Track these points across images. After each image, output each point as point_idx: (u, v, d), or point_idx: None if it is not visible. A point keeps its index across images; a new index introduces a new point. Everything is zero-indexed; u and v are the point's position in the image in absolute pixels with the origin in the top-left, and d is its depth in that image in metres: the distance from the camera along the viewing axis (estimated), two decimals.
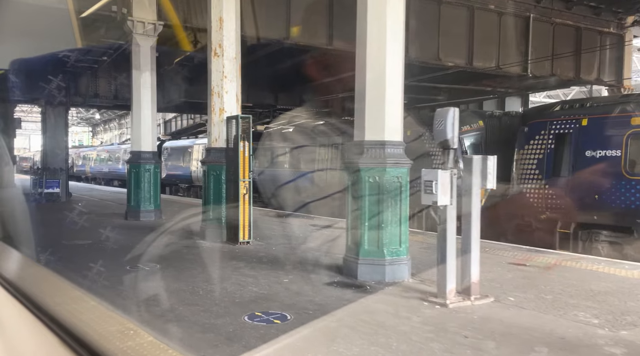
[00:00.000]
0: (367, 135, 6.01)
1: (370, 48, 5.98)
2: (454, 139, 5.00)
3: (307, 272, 6.55)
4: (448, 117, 4.97)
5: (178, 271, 6.66)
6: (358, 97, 6.20)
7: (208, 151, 9.52)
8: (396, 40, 6.08)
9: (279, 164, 19.65)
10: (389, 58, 5.96)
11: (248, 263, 7.15)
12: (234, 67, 9.38)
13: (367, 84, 6.00)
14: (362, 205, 5.97)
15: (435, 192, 4.86)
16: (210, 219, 9.33)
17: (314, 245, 8.78)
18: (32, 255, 7.26)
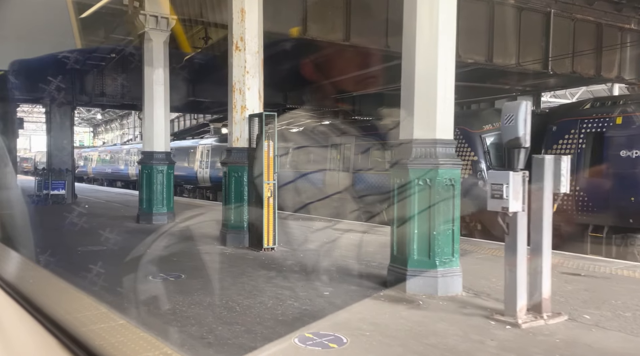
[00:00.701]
0: (415, 133, 5.46)
1: (421, 38, 5.43)
2: (526, 137, 4.44)
3: (346, 283, 5.99)
4: (520, 112, 4.41)
5: (206, 281, 6.11)
6: (405, 91, 5.65)
7: (229, 151, 8.97)
8: (448, 30, 5.54)
9: (290, 164, 19.12)
10: (441, 49, 5.41)
11: (279, 272, 6.60)
12: (256, 62, 8.84)
13: (416, 77, 5.45)
14: (411, 210, 5.42)
15: (505, 197, 4.31)
16: (232, 223, 8.78)
17: (343, 252, 8.22)
18: (47, 264, 6.73)
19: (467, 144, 13.14)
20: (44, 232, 10.40)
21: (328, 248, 8.64)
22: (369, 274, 6.43)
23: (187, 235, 9.94)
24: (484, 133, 13.29)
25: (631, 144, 10.15)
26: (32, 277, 2.40)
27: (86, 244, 8.71)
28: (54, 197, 16.98)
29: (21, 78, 17.63)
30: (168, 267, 6.95)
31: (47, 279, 2.46)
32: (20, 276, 2.39)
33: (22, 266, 2.68)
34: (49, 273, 2.62)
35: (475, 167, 12.95)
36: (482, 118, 13.70)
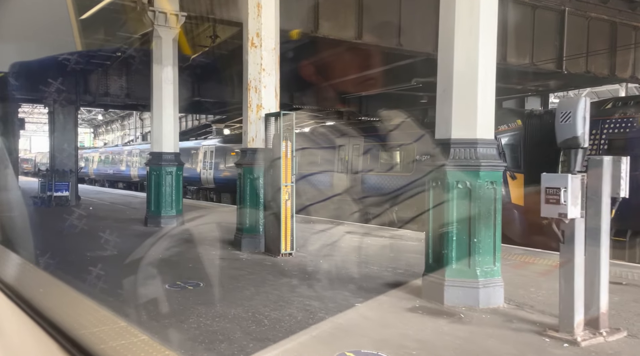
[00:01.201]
0: (454, 132, 5.09)
1: (460, 28, 5.05)
2: (585, 136, 4.07)
3: (376, 293, 5.62)
4: (578, 110, 4.04)
5: (226, 290, 5.74)
6: (442, 89, 5.27)
7: (244, 152, 8.59)
8: (489, 28, 5.16)
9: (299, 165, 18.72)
10: (482, 40, 5.04)
11: (302, 280, 6.22)
12: (273, 59, 8.47)
13: (454, 71, 5.07)
14: (449, 216, 5.05)
15: (564, 202, 3.94)
16: (247, 227, 8.41)
17: (364, 257, 7.85)
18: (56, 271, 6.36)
19: None
20: (50, 236, 10.03)
21: (347, 253, 8.27)
22: (398, 283, 6.06)
23: (199, 239, 9.57)
24: (499, 134, 12.92)
25: None
26: (32, 280, 2.37)
27: (95, 248, 8.34)
28: (57, 199, 16.60)
29: (24, 78, 17.28)
30: (184, 274, 6.59)
31: (47, 281, 2.36)
32: (20, 278, 2.34)
33: (22, 269, 2.61)
34: (49, 276, 2.46)
35: None
36: (496, 118, 13.31)
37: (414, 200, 13.98)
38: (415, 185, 14.12)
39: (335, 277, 6.43)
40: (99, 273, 6.43)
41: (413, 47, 14.65)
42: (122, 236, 9.87)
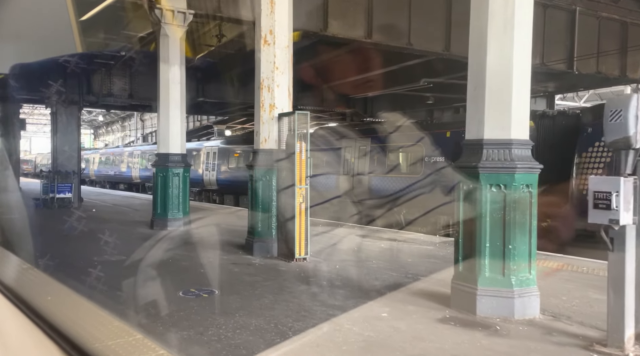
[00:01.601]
0: (487, 132, 4.81)
1: (493, 23, 4.77)
2: (637, 136, 3.79)
3: (401, 302, 5.34)
4: (630, 108, 3.76)
5: (244, 298, 5.45)
6: (473, 88, 4.99)
7: (255, 153, 8.31)
8: (526, 15, 4.88)
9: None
10: (517, 35, 4.76)
11: (321, 288, 5.94)
12: (286, 57, 8.20)
13: (487, 69, 4.79)
14: (482, 221, 4.77)
15: (615, 207, 3.66)
16: (259, 231, 8.13)
17: (381, 263, 7.56)
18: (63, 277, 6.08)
19: None
20: (54, 239, 9.76)
21: (362, 258, 7.99)
22: (423, 291, 5.78)
23: (209, 243, 9.29)
24: None
25: None
26: (31, 281, 2.37)
27: (101, 253, 8.05)
28: (59, 200, 16.30)
29: (26, 79, 17.01)
30: (197, 280, 6.31)
31: (46, 283, 2.41)
32: (19, 280, 2.35)
33: (21, 270, 2.64)
34: (48, 277, 2.56)
35: None
36: None
37: (423, 202, 13.74)
38: (425, 187, 13.86)
39: (355, 284, 6.15)
40: (108, 280, 6.16)
41: (423, 47, 14.39)
42: (129, 239, 9.60)
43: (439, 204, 13.48)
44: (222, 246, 8.96)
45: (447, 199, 13.37)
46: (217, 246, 8.92)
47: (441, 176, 13.52)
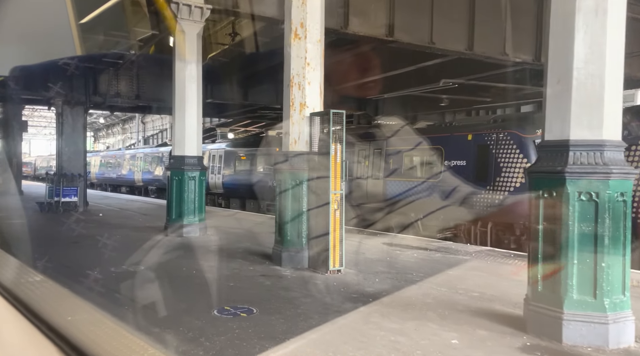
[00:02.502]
0: (573, 132, 4.20)
1: (584, 5, 4.16)
2: None
3: (469, 325, 4.72)
4: None
5: (288, 319, 4.83)
6: (554, 78, 4.38)
7: (284, 155, 7.68)
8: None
9: None
10: (610, 18, 4.16)
11: (370, 307, 5.32)
12: (318, 52, 7.61)
13: (575, 58, 4.18)
14: (568, 234, 4.15)
15: None
16: (288, 240, 7.50)
17: (425, 276, 6.95)
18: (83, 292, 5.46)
19: (518, 150, 11.96)
20: (64, 247, 9.14)
21: (399, 270, 7.37)
22: (486, 312, 5.16)
23: (230, 251, 8.66)
24: (538, 138, 12.10)
25: None
26: (29, 282, 2.37)
27: (118, 262, 7.43)
28: (65, 205, 15.67)
29: (30, 79, 16.45)
30: (229, 296, 5.69)
31: (45, 284, 2.41)
32: (18, 281, 2.34)
33: (20, 272, 2.65)
34: (46, 279, 2.51)
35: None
36: (535, 122, 12.53)
37: (443, 208, 13.14)
38: (443, 191, 13.25)
39: (405, 301, 5.53)
40: (132, 295, 5.55)
41: (445, 46, 13.82)
42: (145, 247, 8.98)
43: (458, 210, 12.92)
44: (246, 255, 8.36)
45: (466, 204, 12.82)
46: (241, 255, 8.31)
47: (461, 180, 12.97)
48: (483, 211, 12.40)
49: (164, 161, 28.66)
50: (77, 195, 15.98)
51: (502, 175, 12.17)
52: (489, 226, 12.32)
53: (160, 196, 28.38)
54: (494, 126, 12.96)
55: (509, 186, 12.01)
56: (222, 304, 5.27)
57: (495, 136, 12.55)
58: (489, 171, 12.50)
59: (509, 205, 11.91)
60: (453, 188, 13.12)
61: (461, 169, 13.22)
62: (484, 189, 12.39)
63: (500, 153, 12.30)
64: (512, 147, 12.10)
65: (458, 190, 12.98)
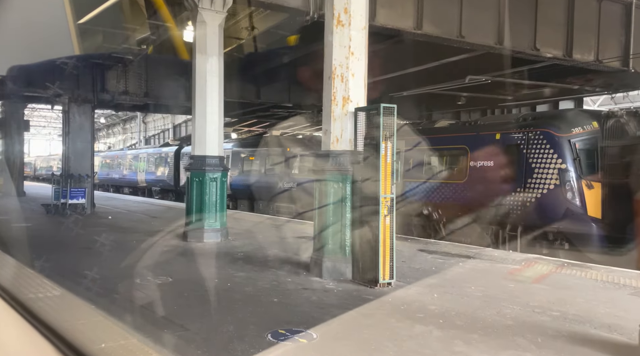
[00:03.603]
0: None
1: None
2: None
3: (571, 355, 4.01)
4: None
5: (356, 347, 4.10)
6: None
7: (324, 155, 6.96)
8: None
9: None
10: None
11: (446, 332, 4.58)
12: (363, 41, 6.90)
13: None
14: None
15: None
16: (329, 248, 6.79)
17: (482, 288, 6.24)
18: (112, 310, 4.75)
19: (552, 150, 11.27)
20: (77, 254, 8.42)
21: (455, 283, 6.64)
22: (586, 338, 4.45)
23: (260, 260, 7.95)
24: (573, 137, 11.42)
25: None
26: (27, 283, 2.40)
27: (141, 272, 6.71)
28: (72, 207, 14.95)
29: (35, 76, 15.75)
30: (278, 316, 4.98)
31: (43, 285, 2.38)
32: (15, 281, 2.37)
33: (17, 271, 2.69)
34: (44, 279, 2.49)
35: (563, 177, 11.05)
36: (570, 120, 11.85)
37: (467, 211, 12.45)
38: (467, 194, 12.58)
39: (484, 325, 4.81)
40: (166, 313, 4.82)
41: (475, 40, 13.10)
42: (166, 255, 8.27)
43: (485, 213, 12.25)
44: (278, 264, 7.65)
45: (494, 207, 12.13)
46: (273, 264, 7.60)
47: (488, 182, 12.30)
48: (512, 215, 11.73)
49: (168, 161, 27.96)
50: (85, 197, 15.26)
51: (534, 176, 11.49)
52: (519, 230, 11.65)
53: (164, 197, 27.72)
54: (525, 124, 12.27)
55: (542, 187, 11.33)
56: (274, 326, 4.55)
57: (526, 135, 11.87)
58: (520, 172, 11.81)
59: (541, 208, 11.25)
60: (479, 190, 12.46)
61: (488, 171, 12.55)
62: (514, 192, 11.72)
63: (532, 153, 11.62)
64: (546, 147, 11.42)
65: (484, 192, 12.32)
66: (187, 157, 26.63)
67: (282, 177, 18.98)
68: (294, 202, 17.78)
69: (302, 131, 29.34)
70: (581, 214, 10.84)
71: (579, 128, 11.52)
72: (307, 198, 17.15)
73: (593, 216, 10.90)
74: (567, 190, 11.03)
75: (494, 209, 12.06)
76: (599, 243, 10.65)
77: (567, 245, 11.01)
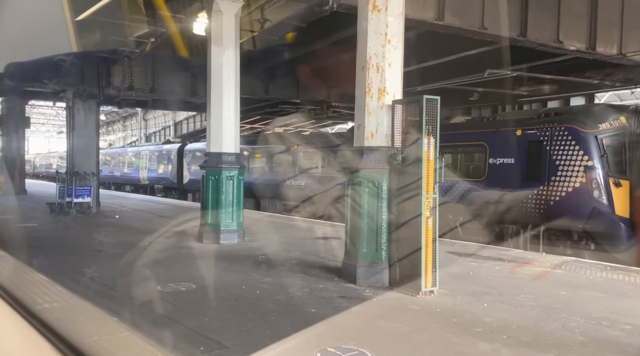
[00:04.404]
0: None
1: None
2: None
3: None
4: None
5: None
6: None
7: (359, 152, 6.44)
8: None
9: None
10: None
11: (515, 351, 4.08)
12: (400, 28, 6.39)
13: None
14: None
15: None
16: (363, 252, 6.28)
17: (534, 296, 5.75)
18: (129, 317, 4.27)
19: (577, 147, 10.78)
20: (89, 257, 7.90)
21: (502, 290, 6.14)
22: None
23: (283, 264, 7.45)
24: (600, 133, 10.93)
25: None
26: (24, 280, 2.59)
27: (162, 278, 6.21)
28: (77, 206, 14.43)
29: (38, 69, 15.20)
30: (321, 330, 4.49)
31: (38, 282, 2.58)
32: (12, 278, 2.50)
33: (14, 269, 2.92)
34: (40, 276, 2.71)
35: (589, 175, 10.57)
36: (597, 115, 11.36)
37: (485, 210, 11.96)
38: (486, 192, 12.09)
39: (554, 342, 4.30)
40: (197, 325, 4.33)
41: (497, 31, 12.56)
42: (183, 258, 7.77)
43: (504, 212, 11.77)
44: (304, 268, 7.15)
45: (514, 206, 11.64)
46: (299, 269, 7.10)
47: (508, 180, 11.82)
48: (534, 214, 11.25)
49: (171, 159, 27.48)
50: (91, 195, 14.74)
51: (558, 174, 11.00)
52: (541, 229, 11.16)
53: (166, 195, 27.22)
54: (548, 120, 11.76)
55: (567, 186, 10.85)
56: (320, 343, 4.05)
57: (549, 131, 11.38)
58: (543, 169, 11.32)
59: (566, 207, 10.78)
60: (499, 189, 11.97)
61: (508, 168, 12.06)
62: (536, 190, 11.23)
63: (555, 150, 11.13)
64: (571, 144, 10.93)
65: (504, 191, 11.84)
66: (190, 154, 26.14)
67: (289, 174, 18.57)
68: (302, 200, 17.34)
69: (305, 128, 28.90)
70: (608, 213, 10.38)
71: (606, 124, 11.06)
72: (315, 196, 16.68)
73: (621, 216, 10.45)
74: (593, 188, 10.57)
75: (514, 208, 11.59)
76: (627, 244, 10.20)
77: (593, 246, 10.56)
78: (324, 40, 14.18)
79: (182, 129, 40.04)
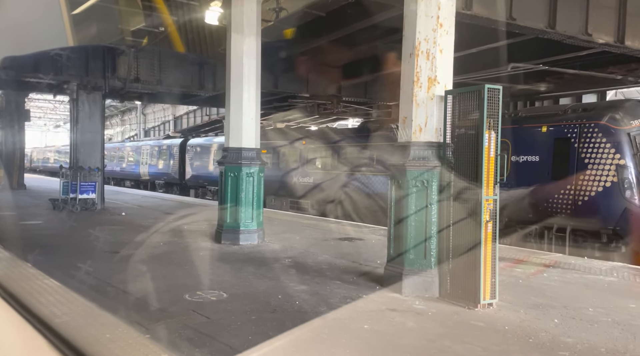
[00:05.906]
0: None
1: None
2: None
3: None
4: None
5: None
6: None
7: (405, 147, 5.82)
8: None
9: None
10: None
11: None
12: (452, 11, 5.78)
13: None
14: None
15: None
16: (410, 259, 5.67)
17: (605, 313, 5.15)
18: (165, 336, 3.65)
19: (609, 144, 10.20)
20: (105, 260, 7.26)
21: (566, 303, 5.53)
22: None
23: (313, 268, 6.84)
24: (633, 130, 10.36)
25: None
26: (19, 275, 2.49)
27: (189, 285, 5.60)
28: (82, 202, 13.79)
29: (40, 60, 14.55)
30: (377, 351, 3.87)
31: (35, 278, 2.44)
32: (6, 273, 2.42)
33: (9, 263, 2.84)
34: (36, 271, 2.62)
35: (621, 173, 10.00)
36: (629, 111, 10.78)
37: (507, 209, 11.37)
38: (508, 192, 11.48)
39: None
40: (242, 345, 3.72)
41: (526, 22, 11.94)
42: (205, 261, 7.17)
43: (528, 213, 11.21)
44: (338, 273, 6.55)
45: (540, 206, 11.05)
46: (332, 274, 6.50)
47: (533, 179, 11.24)
48: (560, 214, 10.68)
49: (172, 154, 26.88)
50: (95, 191, 14.09)
51: (587, 173, 10.43)
52: (567, 230, 10.59)
53: (168, 191, 26.59)
54: (577, 116, 11.17)
55: (596, 185, 10.28)
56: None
57: (578, 128, 10.79)
58: (570, 168, 10.74)
59: (595, 207, 10.22)
60: (522, 188, 11.40)
61: (533, 166, 11.49)
62: (564, 189, 10.66)
63: (584, 147, 10.56)
64: (601, 141, 10.35)
65: (528, 190, 11.27)
66: (193, 150, 25.49)
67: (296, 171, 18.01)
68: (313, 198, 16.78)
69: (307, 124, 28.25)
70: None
71: (638, 120, 10.50)
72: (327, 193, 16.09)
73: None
74: (625, 188, 10.02)
75: (539, 208, 11.03)
76: None
77: (624, 248, 10.01)
78: (341, 31, 13.58)
79: (182, 124, 39.37)
